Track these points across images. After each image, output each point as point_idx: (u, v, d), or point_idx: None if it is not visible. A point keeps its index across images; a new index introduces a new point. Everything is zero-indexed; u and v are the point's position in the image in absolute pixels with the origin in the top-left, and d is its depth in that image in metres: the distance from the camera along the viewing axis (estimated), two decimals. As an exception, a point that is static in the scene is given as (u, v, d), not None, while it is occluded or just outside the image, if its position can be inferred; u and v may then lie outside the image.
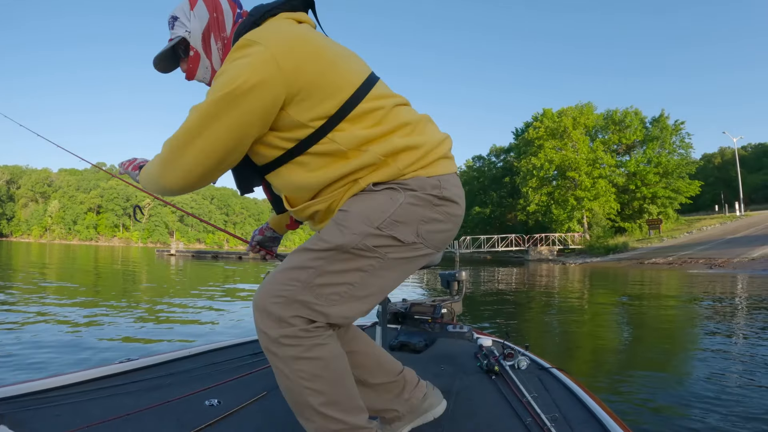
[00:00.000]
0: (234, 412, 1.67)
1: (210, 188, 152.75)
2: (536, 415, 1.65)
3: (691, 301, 10.51)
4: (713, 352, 5.26)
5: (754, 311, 8.62)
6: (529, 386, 1.98)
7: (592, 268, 25.57)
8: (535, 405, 1.72)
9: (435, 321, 3.10)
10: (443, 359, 2.62)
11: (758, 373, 4.34)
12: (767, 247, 22.63)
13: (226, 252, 45.74)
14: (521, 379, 2.07)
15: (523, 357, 2.39)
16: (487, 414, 1.75)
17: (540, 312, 9.49)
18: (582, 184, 42.70)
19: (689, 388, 3.89)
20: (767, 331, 6.64)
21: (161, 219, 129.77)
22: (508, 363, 2.32)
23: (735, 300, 10.46)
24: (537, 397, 1.85)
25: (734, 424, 3.06)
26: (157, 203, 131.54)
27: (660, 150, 44.06)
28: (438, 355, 2.74)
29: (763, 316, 8.04)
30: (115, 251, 51.35)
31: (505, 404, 1.83)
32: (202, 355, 2.46)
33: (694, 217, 44.18)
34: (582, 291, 14.15)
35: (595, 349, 5.99)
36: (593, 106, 48.16)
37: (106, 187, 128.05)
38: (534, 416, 1.64)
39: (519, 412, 1.71)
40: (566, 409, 1.77)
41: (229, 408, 1.69)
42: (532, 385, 2.03)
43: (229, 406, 1.71)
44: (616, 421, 1.58)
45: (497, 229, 48.56)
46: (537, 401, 1.78)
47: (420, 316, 3.13)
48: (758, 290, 12.38)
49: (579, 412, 1.73)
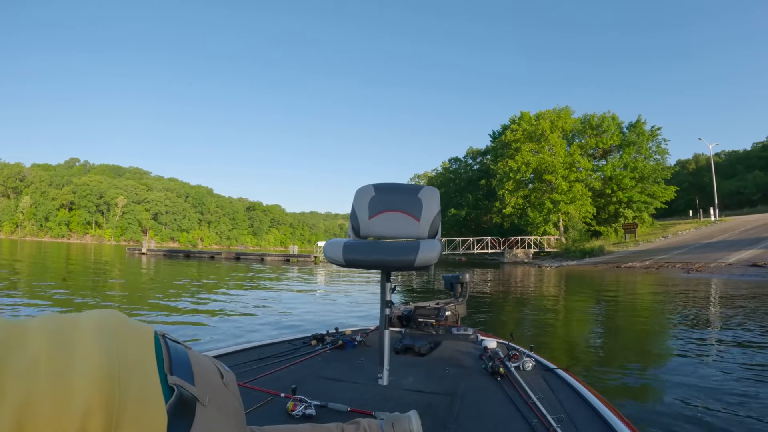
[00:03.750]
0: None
1: (185, 186, 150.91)
2: (542, 416, 1.65)
3: (681, 304, 10.35)
4: (718, 355, 5.27)
5: (750, 315, 8.42)
6: (534, 387, 1.98)
7: (569, 272, 25.31)
8: (541, 406, 1.73)
9: (439, 323, 3.28)
10: (448, 362, 2.55)
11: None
12: (743, 251, 22.38)
13: (199, 251, 45.17)
14: (526, 381, 2.06)
15: (528, 358, 2.38)
16: (493, 416, 1.75)
17: (519, 311, 9.54)
18: (558, 188, 42.71)
19: (695, 388, 3.85)
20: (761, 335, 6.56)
21: (134, 217, 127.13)
22: (513, 364, 2.31)
23: (727, 304, 10.26)
24: (543, 398, 1.86)
25: (743, 424, 3.06)
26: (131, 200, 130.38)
27: (636, 155, 44.30)
28: (443, 357, 2.66)
29: (758, 318, 7.94)
30: (87, 249, 50.97)
31: (511, 406, 1.83)
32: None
33: (669, 222, 44.25)
34: (559, 293, 14.10)
35: (593, 347, 6.04)
36: (571, 110, 48.30)
37: (79, 183, 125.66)
38: (540, 417, 1.64)
39: (525, 414, 1.70)
40: (572, 409, 1.76)
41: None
42: (537, 386, 2.03)
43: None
44: (622, 420, 1.60)
45: (473, 231, 48.34)
46: (543, 402, 1.79)
47: (424, 318, 3.29)
48: (740, 294, 12.13)
49: (585, 413, 1.73)
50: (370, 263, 2.11)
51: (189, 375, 0.68)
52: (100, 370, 0.58)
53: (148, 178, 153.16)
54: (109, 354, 0.60)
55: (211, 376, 0.75)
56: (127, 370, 0.60)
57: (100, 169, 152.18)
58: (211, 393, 0.71)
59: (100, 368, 0.58)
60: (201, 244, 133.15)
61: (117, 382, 0.58)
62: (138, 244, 69.60)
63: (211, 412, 0.68)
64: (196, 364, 0.71)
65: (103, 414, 0.53)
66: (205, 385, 0.71)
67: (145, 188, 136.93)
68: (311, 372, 2.31)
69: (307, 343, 2.88)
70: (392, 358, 2.36)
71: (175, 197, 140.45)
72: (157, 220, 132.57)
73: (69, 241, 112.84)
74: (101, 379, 0.56)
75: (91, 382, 0.56)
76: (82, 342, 0.61)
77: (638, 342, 6.53)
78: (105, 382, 0.56)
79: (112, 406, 0.54)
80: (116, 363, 0.60)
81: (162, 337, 0.71)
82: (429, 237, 2.37)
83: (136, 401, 0.58)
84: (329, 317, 7.82)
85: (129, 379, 0.60)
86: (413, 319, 3.33)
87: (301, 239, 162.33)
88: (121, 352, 0.62)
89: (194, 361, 0.72)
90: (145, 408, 0.59)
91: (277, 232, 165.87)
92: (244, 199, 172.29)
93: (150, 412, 0.59)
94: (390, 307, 2.26)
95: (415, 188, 2.50)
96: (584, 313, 9.84)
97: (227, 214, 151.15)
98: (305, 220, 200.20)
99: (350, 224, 2.49)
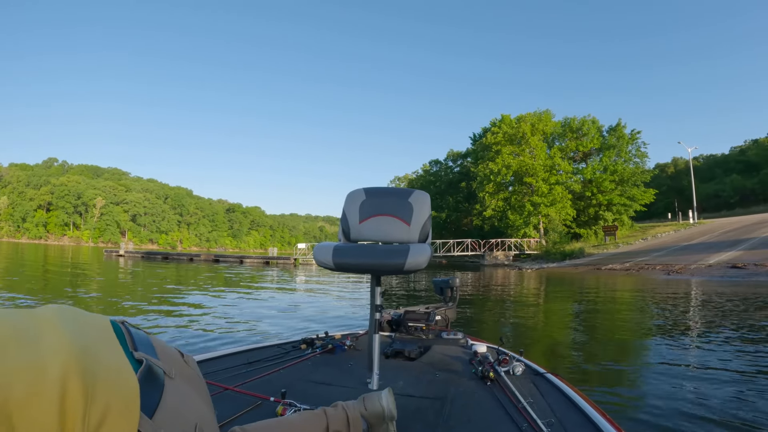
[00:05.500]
0: (225, 423, 1.59)
1: (164, 187, 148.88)
2: (532, 420, 1.65)
3: (663, 305, 10.28)
4: (702, 356, 5.27)
5: (729, 315, 8.46)
6: (524, 392, 1.98)
7: (549, 274, 25.11)
8: (531, 410, 1.73)
9: (429, 328, 3.28)
10: (438, 366, 2.54)
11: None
12: (723, 253, 22.32)
13: (177, 253, 44.28)
14: (516, 385, 2.06)
15: (518, 363, 2.37)
16: (483, 420, 1.73)
17: (501, 314, 9.45)
18: (539, 190, 42.63)
19: (684, 391, 3.81)
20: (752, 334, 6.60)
21: (113, 218, 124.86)
22: (503, 369, 2.30)
23: (711, 304, 10.14)
24: (533, 402, 1.85)
25: (728, 422, 3.06)
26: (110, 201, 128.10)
27: (616, 158, 44.52)
28: (433, 362, 2.64)
29: (740, 319, 8.01)
30: (64, 251, 50.29)
31: (501, 410, 1.81)
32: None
33: (649, 224, 44.50)
34: (540, 295, 14.00)
35: (576, 349, 5.96)
36: (551, 113, 48.50)
37: (57, 184, 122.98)
38: (530, 421, 1.65)
39: (515, 418, 1.70)
40: (562, 414, 1.76)
41: (222, 419, 1.61)
42: (527, 390, 2.03)
43: (222, 417, 1.63)
44: (612, 424, 1.61)
45: (453, 234, 48.09)
46: (533, 407, 1.78)
47: (414, 323, 3.30)
48: (723, 294, 12.07)
49: (575, 417, 1.72)
50: (360, 267, 2.09)
51: (153, 352, 0.71)
52: (70, 345, 0.58)
53: (127, 178, 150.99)
54: (72, 332, 0.62)
55: (173, 354, 0.79)
56: (93, 344, 0.62)
57: (78, 169, 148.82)
58: (176, 368, 0.75)
59: (70, 343, 0.58)
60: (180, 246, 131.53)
61: (86, 354, 0.58)
62: (116, 246, 68.96)
63: (178, 384, 0.71)
64: (157, 345, 0.75)
65: (79, 381, 0.54)
66: (169, 361, 0.74)
67: (124, 189, 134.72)
68: (301, 376, 2.30)
69: (296, 347, 2.87)
70: (382, 362, 2.35)
71: (154, 198, 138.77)
72: (136, 222, 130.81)
73: (46, 242, 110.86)
74: (70, 352, 0.57)
75: (62, 354, 0.56)
76: (45, 324, 0.62)
77: (622, 344, 6.47)
78: (74, 353, 0.57)
79: (86, 374, 0.55)
80: (82, 339, 0.61)
81: (122, 324, 0.74)
82: (420, 241, 2.37)
83: (108, 370, 0.59)
84: (310, 321, 7.69)
85: (98, 351, 0.61)
86: (403, 324, 3.34)
87: (281, 241, 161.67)
88: (84, 331, 0.64)
89: (155, 342, 0.75)
90: (118, 375, 0.60)
91: (257, 234, 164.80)
92: (224, 201, 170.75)
93: (123, 379, 0.60)
94: (380, 311, 2.24)
95: (406, 192, 2.50)
96: (566, 314, 9.74)
97: (207, 215, 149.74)
98: (285, 222, 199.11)
99: (341, 228, 2.49)
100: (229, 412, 1.70)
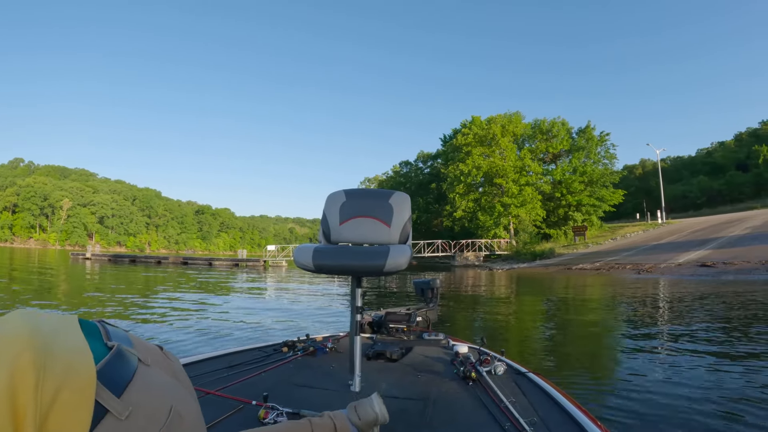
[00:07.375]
0: (208, 428, 1.52)
1: (132, 189, 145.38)
2: (515, 419, 1.65)
3: (634, 304, 10.34)
4: (674, 352, 5.31)
5: (699, 310, 8.66)
6: (506, 391, 1.98)
7: (519, 274, 24.96)
8: (513, 410, 1.73)
9: (410, 329, 3.33)
10: (420, 367, 2.51)
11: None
12: (692, 252, 22.30)
13: (145, 256, 43.71)
14: (498, 385, 2.06)
15: (499, 363, 2.36)
16: (466, 420, 1.73)
17: (473, 313, 9.48)
18: (509, 191, 42.63)
19: (662, 387, 3.85)
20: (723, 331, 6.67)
21: (80, 220, 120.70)
22: (485, 369, 2.29)
23: (682, 303, 10.18)
24: (515, 401, 1.85)
25: (702, 417, 3.12)
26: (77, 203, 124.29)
27: (585, 159, 44.89)
28: (414, 363, 2.60)
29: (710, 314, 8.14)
30: (30, 254, 49.94)
31: (483, 410, 1.82)
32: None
33: (618, 225, 44.82)
34: (510, 295, 14.01)
35: (549, 347, 5.96)
36: (522, 115, 48.67)
37: (23, 185, 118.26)
38: (512, 421, 1.64)
39: (497, 418, 1.71)
40: (544, 412, 1.76)
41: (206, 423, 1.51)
42: (509, 390, 2.03)
43: (207, 420, 1.44)
44: (594, 422, 1.61)
45: (423, 235, 47.53)
46: (515, 406, 1.78)
47: (395, 324, 3.35)
48: (692, 292, 12.22)
49: (557, 415, 1.73)
50: (340, 269, 2.07)
51: (129, 344, 0.70)
52: (25, 325, 0.58)
53: (95, 180, 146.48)
54: (30, 321, 0.61)
55: (152, 348, 0.77)
56: (52, 328, 0.62)
57: (45, 170, 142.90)
58: (152, 358, 0.73)
59: (24, 325, 0.59)
60: (148, 249, 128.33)
61: (41, 334, 0.58)
62: (83, 248, 67.02)
63: (154, 370, 0.70)
64: (135, 339, 0.74)
65: (32, 354, 0.53)
66: (145, 351, 0.72)
67: (91, 190, 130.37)
68: (283, 379, 2.27)
69: (278, 350, 2.82)
70: (364, 364, 2.34)
71: (122, 200, 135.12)
72: (104, 224, 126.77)
73: (12, 245, 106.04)
74: (24, 330, 0.57)
75: (15, 334, 0.56)
76: (3, 320, 0.61)
77: (597, 341, 6.50)
78: (28, 330, 0.57)
79: (38, 352, 0.55)
80: (38, 327, 0.60)
81: (99, 322, 0.73)
82: (400, 242, 2.36)
83: (64, 349, 0.58)
84: (286, 324, 7.57)
85: (55, 332, 0.61)
86: (384, 325, 3.33)
87: (251, 243, 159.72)
88: (45, 321, 0.64)
89: (134, 337, 0.74)
90: (74, 353, 0.59)
91: (227, 236, 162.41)
92: (193, 203, 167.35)
93: (80, 355, 0.59)
94: (361, 312, 2.22)
95: (386, 194, 2.48)
96: (540, 314, 9.66)
97: (176, 217, 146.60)
98: (255, 223, 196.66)
99: (321, 230, 2.48)
100: (211, 416, 1.66)
